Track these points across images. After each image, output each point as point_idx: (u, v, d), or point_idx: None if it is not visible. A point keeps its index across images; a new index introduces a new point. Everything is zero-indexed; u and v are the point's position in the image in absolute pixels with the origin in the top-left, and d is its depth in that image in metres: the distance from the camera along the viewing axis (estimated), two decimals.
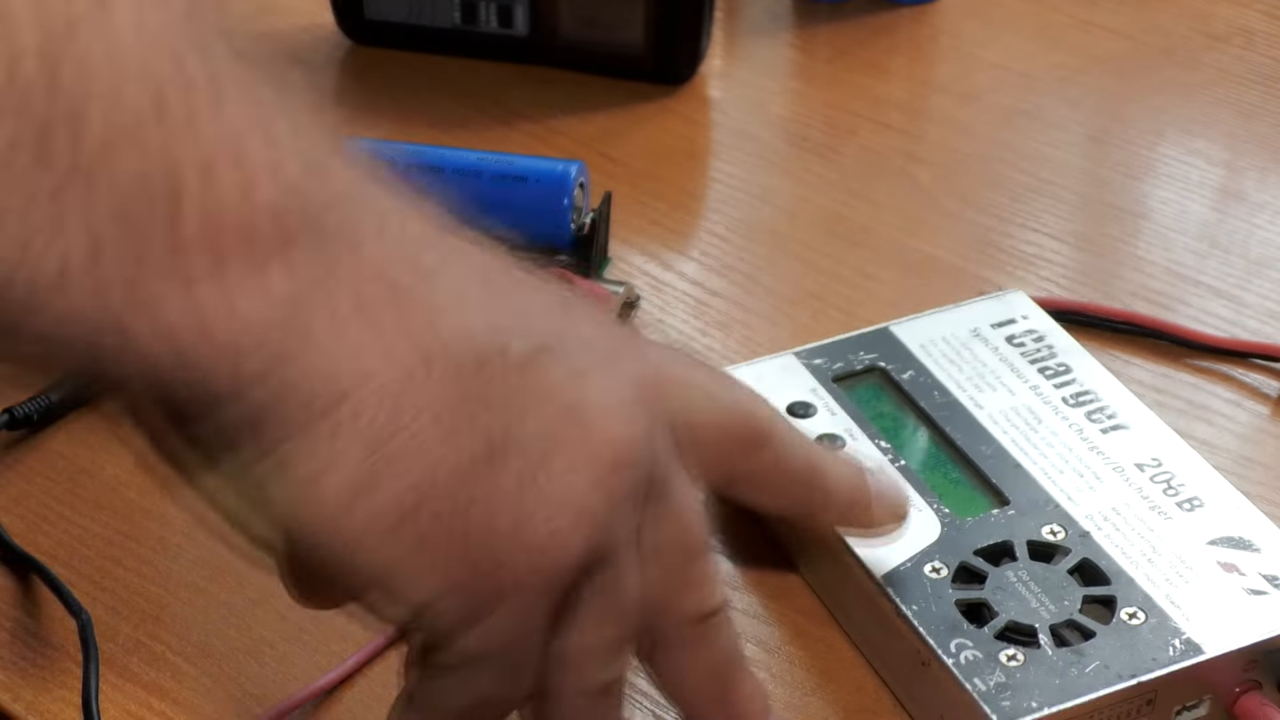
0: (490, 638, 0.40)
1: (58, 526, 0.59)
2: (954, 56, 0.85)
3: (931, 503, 0.54)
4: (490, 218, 0.64)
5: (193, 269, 0.34)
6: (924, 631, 0.50)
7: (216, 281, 0.35)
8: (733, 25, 0.87)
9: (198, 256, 0.34)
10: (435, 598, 0.39)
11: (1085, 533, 0.53)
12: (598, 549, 0.40)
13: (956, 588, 0.51)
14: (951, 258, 0.71)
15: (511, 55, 0.82)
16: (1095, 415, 0.57)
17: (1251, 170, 0.77)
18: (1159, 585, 0.51)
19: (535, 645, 0.41)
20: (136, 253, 0.34)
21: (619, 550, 0.41)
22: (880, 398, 0.59)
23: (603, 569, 0.41)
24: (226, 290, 0.35)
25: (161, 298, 0.34)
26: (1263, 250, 0.71)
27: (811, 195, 0.75)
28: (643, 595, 0.42)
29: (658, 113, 0.80)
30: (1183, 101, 0.81)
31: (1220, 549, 0.52)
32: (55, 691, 0.53)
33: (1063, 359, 0.60)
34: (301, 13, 0.87)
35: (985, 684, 0.48)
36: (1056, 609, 0.50)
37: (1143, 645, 0.49)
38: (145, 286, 0.34)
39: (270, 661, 0.54)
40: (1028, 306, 0.62)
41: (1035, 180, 0.76)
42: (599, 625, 0.42)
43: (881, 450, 0.56)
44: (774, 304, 0.69)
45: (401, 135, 0.73)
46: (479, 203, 0.64)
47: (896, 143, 0.78)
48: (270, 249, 0.35)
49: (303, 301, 0.36)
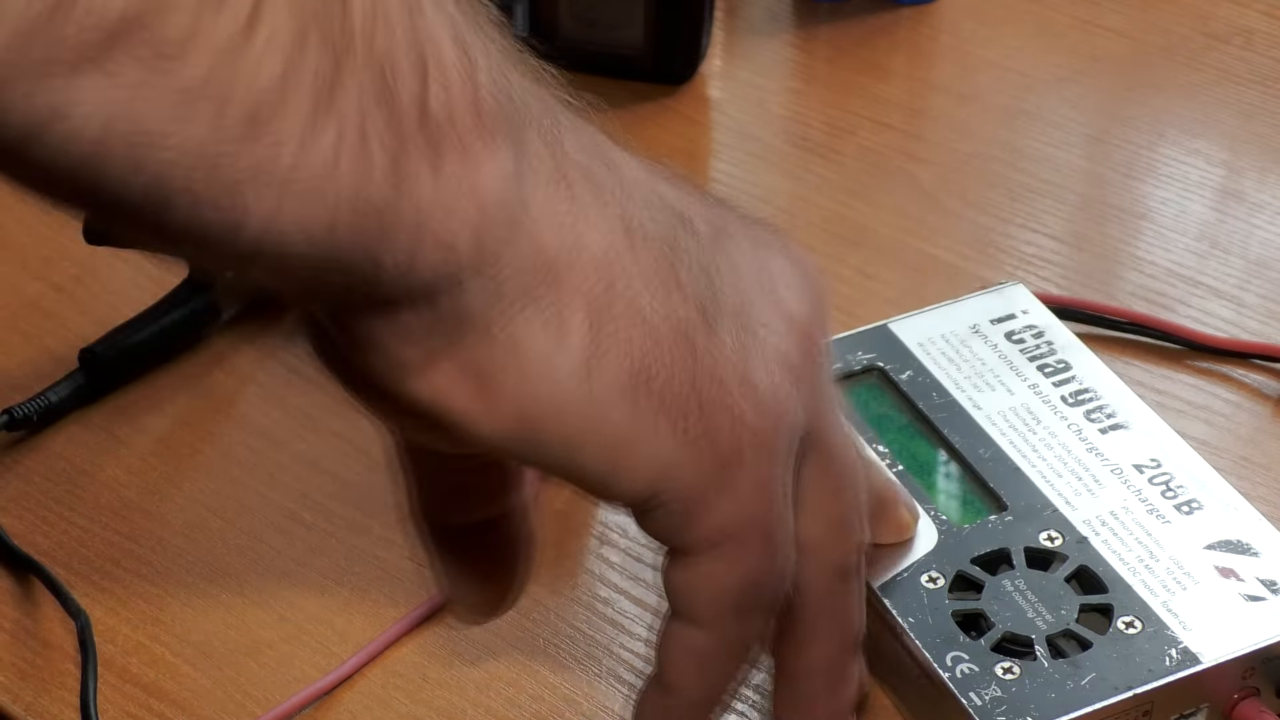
0: (743, 504, 0.40)
1: (57, 527, 0.59)
2: (954, 56, 0.85)
3: (929, 509, 0.54)
4: None
5: (442, 146, 0.36)
6: (920, 645, 0.50)
7: (462, 158, 0.36)
8: (733, 25, 0.87)
9: (446, 133, 0.36)
10: (678, 458, 0.39)
11: (1083, 538, 0.53)
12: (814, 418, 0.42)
13: (953, 598, 0.51)
14: (951, 257, 0.71)
15: None
16: (1094, 414, 0.57)
17: (1252, 170, 0.77)
18: (1156, 593, 0.51)
19: (786, 515, 0.41)
20: (395, 134, 0.35)
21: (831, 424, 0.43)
22: (879, 399, 0.59)
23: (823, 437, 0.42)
24: (470, 166, 0.36)
25: (418, 175, 0.35)
26: (1263, 250, 0.71)
27: (811, 195, 0.75)
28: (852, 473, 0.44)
29: (658, 113, 0.80)
30: (1183, 101, 0.81)
31: (1218, 553, 0.52)
32: (54, 692, 0.53)
33: (1062, 355, 0.59)
34: None
35: (981, 698, 0.48)
36: (1053, 619, 0.50)
37: (1139, 655, 0.49)
38: (406, 163, 0.35)
39: (270, 662, 0.54)
40: (1028, 300, 0.62)
41: (1035, 180, 0.75)
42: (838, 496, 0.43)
43: (879, 454, 0.56)
44: None
45: None
46: None
47: (896, 143, 0.78)
48: (498, 128, 0.37)
49: (525, 179, 0.37)
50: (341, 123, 0.34)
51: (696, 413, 0.39)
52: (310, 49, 0.33)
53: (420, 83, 0.35)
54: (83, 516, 0.59)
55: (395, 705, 0.53)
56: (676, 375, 0.39)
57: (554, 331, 0.38)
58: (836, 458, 0.43)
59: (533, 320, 0.38)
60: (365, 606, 0.55)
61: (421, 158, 0.35)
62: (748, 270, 0.41)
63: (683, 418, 0.39)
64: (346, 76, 0.34)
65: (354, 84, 0.34)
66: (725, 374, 0.39)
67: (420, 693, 0.53)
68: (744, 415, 0.40)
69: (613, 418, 0.38)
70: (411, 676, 0.54)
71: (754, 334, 0.40)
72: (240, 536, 0.58)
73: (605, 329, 0.38)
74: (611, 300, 0.38)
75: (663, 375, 0.39)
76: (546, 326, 0.38)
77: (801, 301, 0.42)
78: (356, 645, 0.54)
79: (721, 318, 0.40)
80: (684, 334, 0.39)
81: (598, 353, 0.38)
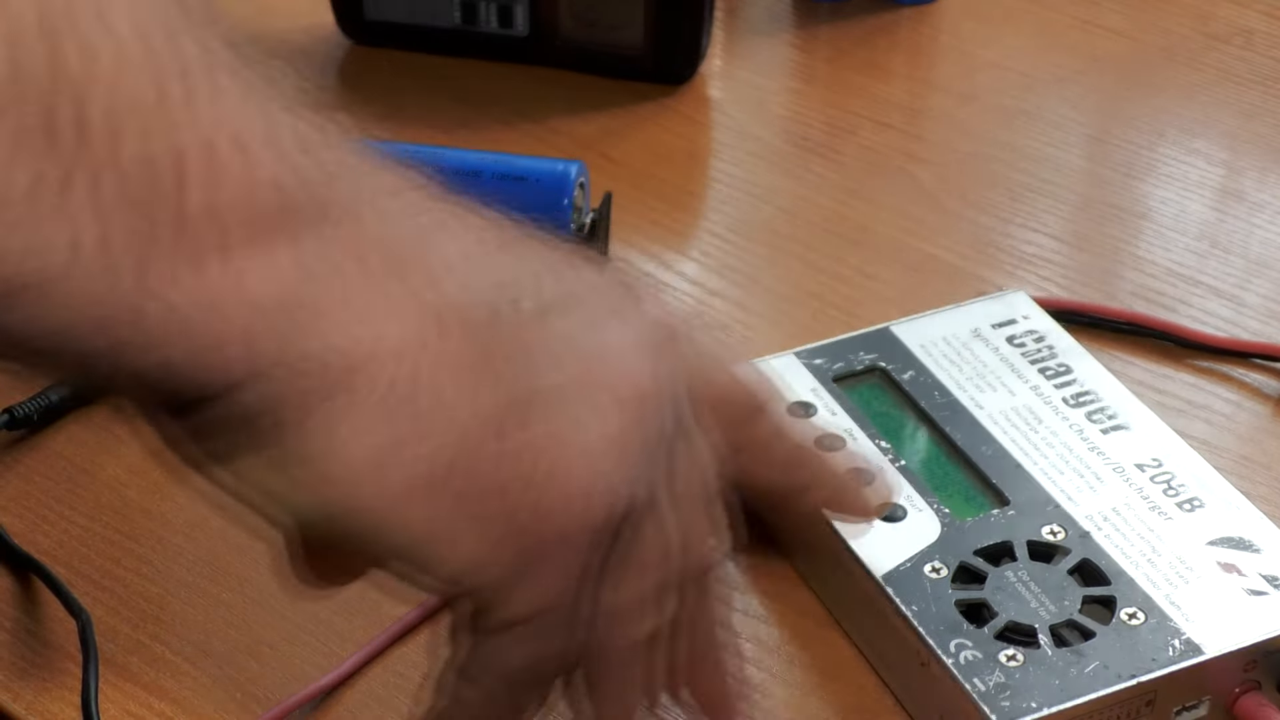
0: (541, 594, 0.40)
1: (58, 526, 0.59)
2: (954, 56, 0.85)
3: (931, 503, 0.54)
4: None
5: (201, 248, 0.34)
6: (924, 632, 0.50)
7: (225, 259, 0.35)
8: (733, 25, 0.87)
9: (205, 235, 0.34)
10: (479, 557, 0.38)
11: (1085, 533, 0.53)
12: (638, 492, 0.40)
13: (956, 588, 0.51)
14: (951, 257, 0.71)
15: (511, 55, 0.82)
16: (1095, 415, 0.57)
17: (1251, 170, 0.77)
18: (1159, 586, 0.51)
19: (586, 598, 0.41)
20: (145, 233, 0.34)
21: (656, 492, 0.41)
22: (881, 398, 0.59)
23: (642, 514, 0.41)
24: (235, 267, 0.35)
25: (172, 279, 0.34)
26: (1263, 250, 0.71)
27: (811, 195, 0.75)
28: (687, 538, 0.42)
29: (658, 113, 0.80)
30: (1183, 101, 0.81)
31: (1220, 549, 0.52)
32: (55, 692, 0.53)
33: (1063, 359, 0.60)
34: (301, 13, 0.87)
35: (985, 684, 0.48)
36: (1056, 609, 0.50)
37: (1142, 645, 0.49)
38: (156, 267, 0.34)
39: (270, 661, 0.54)
40: (1028, 307, 0.62)
41: (1035, 180, 0.76)
42: (643, 573, 0.41)
43: (881, 450, 0.56)
44: (774, 304, 0.69)
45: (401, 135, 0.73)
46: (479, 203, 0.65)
47: (896, 142, 0.78)
48: (274, 225, 0.35)
49: (309, 275, 0.36)
50: (75, 227, 0.33)
51: (500, 513, 0.38)
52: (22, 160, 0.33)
53: (177, 185, 0.34)
54: (83, 515, 0.59)
55: (395, 705, 0.53)
56: (480, 474, 0.38)
57: (349, 429, 0.36)
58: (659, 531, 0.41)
59: (325, 418, 0.36)
60: (365, 606, 0.55)
61: (177, 260, 0.34)
62: (581, 346, 0.40)
63: (485, 518, 0.38)
64: (78, 183, 0.33)
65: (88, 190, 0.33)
66: (534, 468, 0.38)
67: (420, 693, 0.53)
68: (550, 511, 0.39)
69: (411, 516, 0.37)
70: (411, 676, 0.54)
71: (574, 419, 0.39)
72: (241, 536, 0.58)
73: (403, 426, 0.37)
74: (413, 394, 0.37)
75: (464, 474, 0.37)
76: (339, 425, 0.36)
77: (639, 374, 0.40)
78: (356, 645, 0.54)
79: (537, 405, 0.38)
80: (492, 428, 0.38)
81: (394, 451, 0.37)
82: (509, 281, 0.39)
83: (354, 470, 0.37)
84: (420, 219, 0.39)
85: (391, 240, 0.38)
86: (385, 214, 0.38)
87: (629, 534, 0.41)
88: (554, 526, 0.39)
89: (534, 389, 0.38)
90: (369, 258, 0.37)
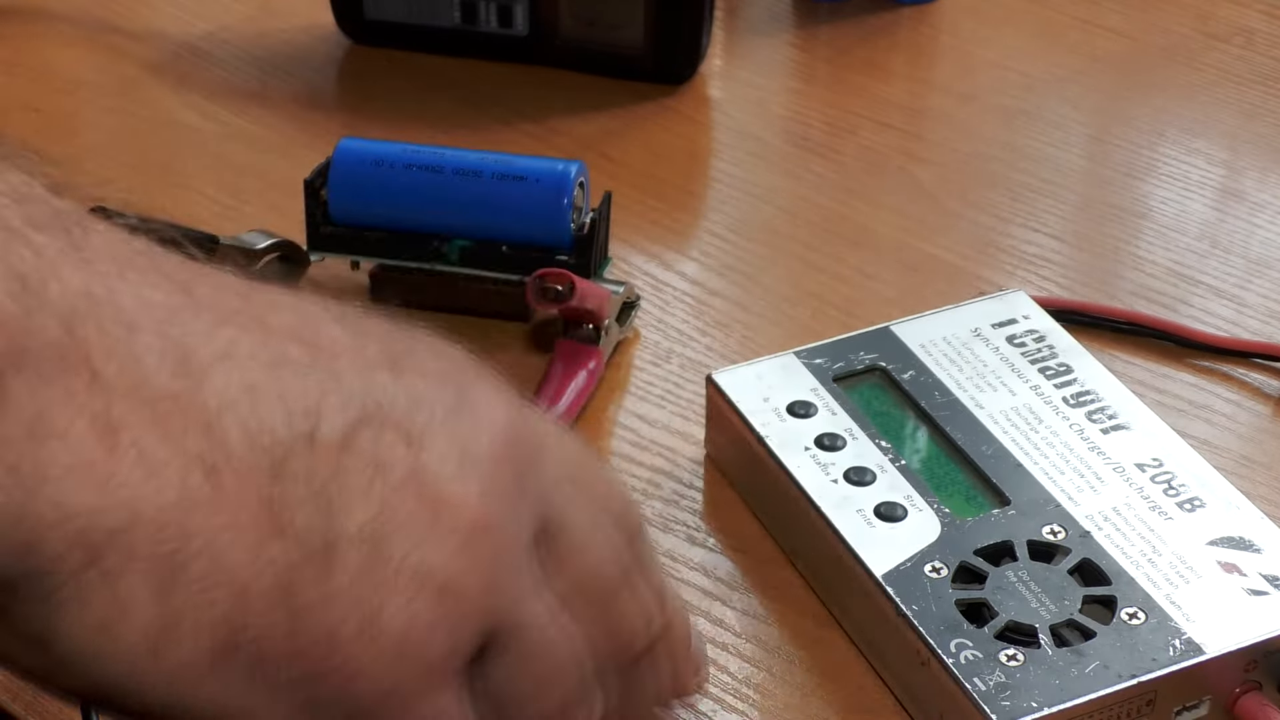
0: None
1: None
2: (954, 56, 0.85)
3: (931, 503, 0.54)
4: (490, 217, 0.65)
5: None
6: (924, 631, 0.50)
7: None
8: (733, 25, 0.87)
9: None
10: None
11: (1086, 533, 0.53)
12: (489, 618, 0.36)
13: (956, 587, 0.51)
14: (952, 257, 0.71)
15: (511, 55, 0.82)
16: (1096, 415, 0.57)
17: (1252, 170, 0.77)
18: (1159, 585, 0.51)
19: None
20: None
21: (523, 609, 0.37)
22: (881, 397, 0.59)
23: (515, 636, 0.37)
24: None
25: None
26: (1263, 250, 0.71)
27: (811, 195, 0.75)
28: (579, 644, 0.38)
29: (658, 113, 0.80)
30: (1183, 101, 0.81)
31: (1221, 549, 0.52)
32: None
33: (1064, 359, 0.59)
34: (301, 13, 0.87)
35: (985, 684, 0.48)
36: (1057, 609, 0.50)
37: (1143, 645, 0.49)
38: None
39: None
40: (1029, 306, 0.62)
41: (1036, 180, 0.75)
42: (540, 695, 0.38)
43: (881, 450, 0.56)
44: (774, 304, 0.69)
45: (401, 135, 0.73)
46: (479, 203, 0.65)
47: (897, 142, 0.78)
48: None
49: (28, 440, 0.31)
50: None
51: (301, 681, 0.34)
52: None
53: None
54: None
55: None
56: (274, 640, 0.33)
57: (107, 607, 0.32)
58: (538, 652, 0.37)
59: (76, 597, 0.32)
60: None
61: None
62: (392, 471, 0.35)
63: (285, 687, 0.34)
64: None
65: None
66: (339, 626, 0.34)
67: None
68: (364, 672, 0.34)
69: (199, 696, 0.34)
70: None
71: (389, 557, 0.34)
72: None
73: (177, 598, 0.32)
74: (186, 562, 0.32)
75: (255, 642, 0.33)
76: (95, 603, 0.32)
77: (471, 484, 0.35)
78: None
79: (340, 553, 0.34)
80: (284, 586, 0.33)
81: (169, 626, 0.33)
82: (307, 408, 0.34)
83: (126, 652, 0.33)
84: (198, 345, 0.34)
85: (145, 387, 0.33)
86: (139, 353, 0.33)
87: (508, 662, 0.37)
88: (370, 685, 0.34)
89: (334, 536, 0.34)
90: (111, 411, 0.32)
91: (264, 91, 0.81)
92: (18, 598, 0.32)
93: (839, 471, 0.55)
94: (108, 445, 0.32)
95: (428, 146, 0.66)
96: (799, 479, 0.55)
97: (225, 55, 0.84)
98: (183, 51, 0.85)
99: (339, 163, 0.65)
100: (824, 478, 0.55)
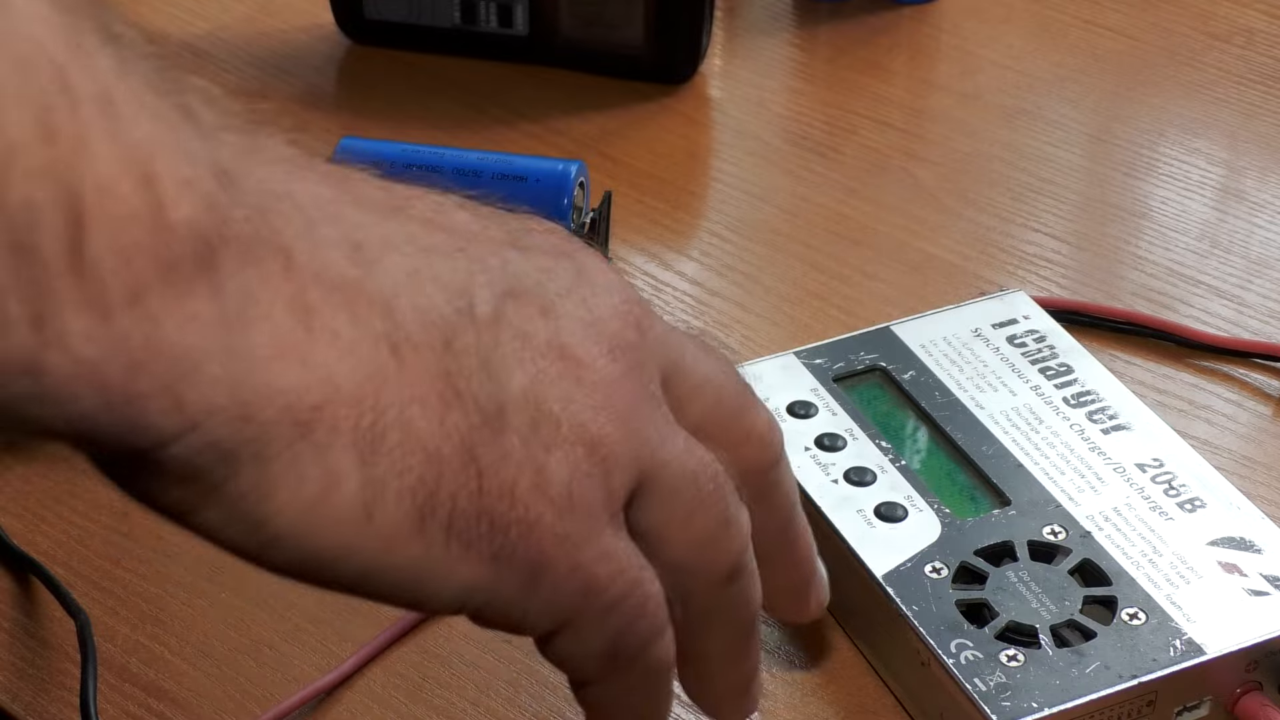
0: (561, 595, 0.38)
1: (57, 526, 0.58)
2: (954, 56, 0.85)
3: (932, 503, 0.54)
4: None
5: (108, 298, 0.32)
6: (924, 631, 0.50)
7: (135, 308, 0.32)
8: (733, 25, 0.87)
9: (111, 284, 0.32)
10: (476, 583, 0.37)
11: (1086, 533, 0.53)
12: (635, 463, 0.39)
13: (957, 588, 0.51)
14: (952, 257, 0.71)
15: (511, 55, 0.82)
16: (1096, 415, 0.57)
17: (1252, 170, 0.77)
18: (1160, 586, 0.51)
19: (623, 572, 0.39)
20: (38, 284, 0.31)
21: (663, 449, 0.40)
22: (881, 397, 0.59)
23: (659, 475, 0.40)
24: (149, 318, 0.32)
25: (75, 331, 0.32)
26: (1264, 250, 0.71)
27: (812, 195, 0.75)
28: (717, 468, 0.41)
29: (658, 113, 0.80)
30: (1184, 101, 0.81)
31: (1221, 549, 0.52)
32: (53, 692, 0.53)
33: (1064, 359, 0.59)
34: (301, 13, 0.87)
35: (985, 684, 0.48)
36: (1057, 609, 0.50)
37: (1143, 646, 0.49)
38: (54, 320, 0.32)
39: (269, 662, 0.54)
40: (1029, 307, 0.62)
41: (1036, 180, 0.75)
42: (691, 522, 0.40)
43: (882, 450, 0.56)
44: (774, 304, 0.69)
45: (401, 135, 0.73)
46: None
47: (897, 142, 0.78)
48: (192, 270, 0.33)
49: (238, 321, 0.34)
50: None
51: (489, 534, 0.37)
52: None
53: (74, 228, 0.31)
54: (82, 516, 0.59)
55: (395, 705, 0.53)
56: (463, 499, 0.36)
57: (320, 479, 0.35)
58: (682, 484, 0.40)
59: (288, 472, 0.35)
60: (365, 606, 0.55)
61: (78, 310, 0.32)
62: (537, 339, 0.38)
63: (476, 541, 0.37)
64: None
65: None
66: (516, 481, 0.37)
67: (420, 693, 0.53)
68: (541, 520, 0.37)
69: (402, 553, 0.36)
70: (411, 676, 0.54)
71: (548, 416, 0.38)
72: None
73: (379, 465, 0.35)
74: (382, 432, 0.35)
75: (448, 502, 0.36)
76: (306, 475, 0.35)
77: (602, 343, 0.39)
78: (356, 645, 0.54)
79: (508, 414, 0.37)
80: (467, 450, 0.36)
81: (376, 492, 0.35)
82: (460, 288, 0.38)
83: (338, 520, 0.35)
84: (365, 239, 0.37)
85: (330, 272, 0.35)
86: (320, 243, 0.36)
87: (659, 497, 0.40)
88: (549, 533, 0.37)
89: (501, 400, 0.37)
90: (308, 294, 0.35)
91: (264, 91, 0.81)
92: (238, 470, 0.34)
93: (839, 472, 0.55)
94: (305, 326, 0.35)
95: (428, 146, 0.66)
96: (799, 479, 0.55)
97: (225, 55, 0.84)
98: (182, 51, 0.85)
99: (339, 162, 0.65)
100: (824, 478, 0.55)
